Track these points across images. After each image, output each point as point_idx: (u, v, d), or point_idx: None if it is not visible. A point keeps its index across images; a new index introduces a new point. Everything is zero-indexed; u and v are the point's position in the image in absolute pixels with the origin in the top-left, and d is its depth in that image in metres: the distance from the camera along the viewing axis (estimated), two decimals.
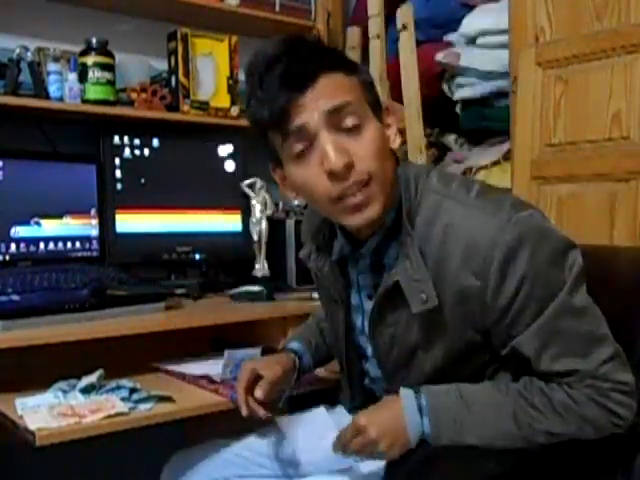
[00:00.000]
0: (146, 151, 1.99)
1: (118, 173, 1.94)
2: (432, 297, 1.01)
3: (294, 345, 1.37)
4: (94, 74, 1.81)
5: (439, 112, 2.35)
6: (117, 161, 1.94)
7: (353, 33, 2.35)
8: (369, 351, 1.18)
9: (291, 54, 0.99)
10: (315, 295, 1.90)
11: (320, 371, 1.48)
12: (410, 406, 1.04)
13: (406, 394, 1.06)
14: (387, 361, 1.13)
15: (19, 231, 1.77)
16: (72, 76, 1.80)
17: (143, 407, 1.33)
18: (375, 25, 2.17)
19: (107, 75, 1.83)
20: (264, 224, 1.96)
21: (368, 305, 1.14)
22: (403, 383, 1.09)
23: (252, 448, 1.33)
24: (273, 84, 0.98)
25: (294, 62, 0.98)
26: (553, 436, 1.01)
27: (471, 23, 2.18)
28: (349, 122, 0.99)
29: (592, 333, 1.00)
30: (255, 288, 1.89)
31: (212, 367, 1.53)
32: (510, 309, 0.99)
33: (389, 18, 2.20)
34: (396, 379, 1.12)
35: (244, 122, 2.11)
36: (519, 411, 1.01)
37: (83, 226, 1.88)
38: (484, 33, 2.14)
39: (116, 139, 1.94)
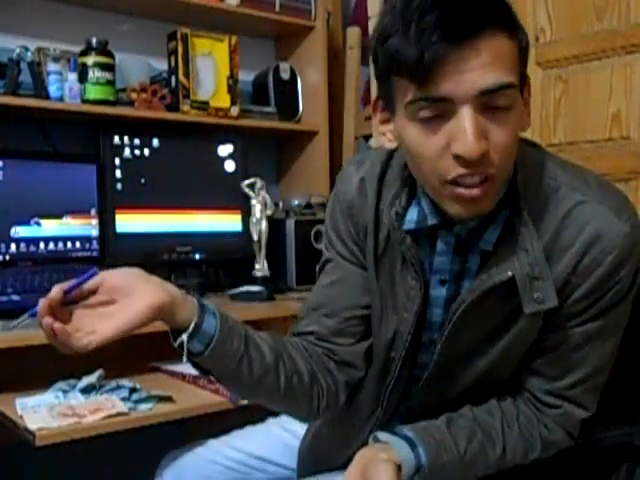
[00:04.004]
0: (146, 151, 1.99)
1: (118, 173, 1.94)
2: (552, 297, 0.89)
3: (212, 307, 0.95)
4: (94, 74, 1.81)
5: None
6: (117, 161, 1.94)
7: (353, 33, 2.35)
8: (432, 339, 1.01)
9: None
10: None
11: None
12: (407, 459, 0.92)
13: (400, 447, 0.92)
14: (449, 353, 0.97)
15: (19, 231, 1.77)
16: (72, 76, 1.80)
17: (143, 407, 1.33)
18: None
19: (107, 75, 1.83)
20: (264, 224, 1.96)
21: (439, 292, 0.98)
22: (448, 387, 1.00)
23: (245, 448, 1.32)
24: (428, 24, 0.77)
25: (460, 11, 0.77)
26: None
27: None
28: (501, 102, 0.81)
29: (601, 362, 0.95)
30: (255, 288, 1.89)
31: None
32: (581, 309, 0.91)
33: None
34: (445, 376, 0.99)
35: (244, 122, 2.12)
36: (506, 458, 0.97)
37: (83, 226, 1.88)
38: None
39: (116, 139, 1.94)
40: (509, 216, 0.91)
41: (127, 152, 1.96)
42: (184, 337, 0.91)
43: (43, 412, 1.27)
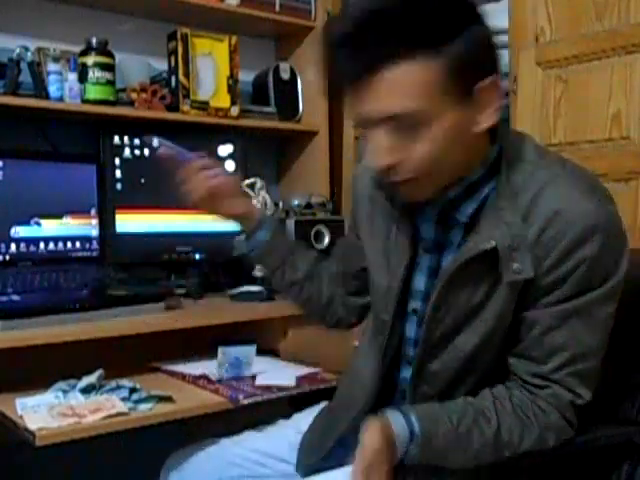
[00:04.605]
0: (146, 151, 1.99)
1: (118, 173, 1.94)
2: (528, 269, 0.94)
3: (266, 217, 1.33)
4: (94, 74, 1.81)
5: None
6: (117, 161, 1.94)
7: None
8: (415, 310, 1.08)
9: (356, 39, 0.87)
10: None
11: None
12: (402, 430, 0.97)
13: (395, 418, 0.97)
14: (436, 328, 1.02)
15: (19, 231, 1.77)
16: (72, 76, 1.80)
17: (143, 407, 1.33)
18: None
19: (107, 75, 1.83)
20: None
21: (425, 260, 1.06)
22: (439, 360, 1.03)
23: (252, 447, 1.32)
24: (341, 59, 0.90)
25: (357, 51, 0.87)
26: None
27: None
28: (410, 123, 0.89)
29: (587, 346, 0.98)
30: (255, 288, 1.89)
31: (212, 367, 1.53)
32: (549, 278, 0.95)
33: None
34: (438, 350, 1.04)
35: (244, 122, 2.12)
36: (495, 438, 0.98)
37: (83, 226, 1.88)
38: None
39: (116, 139, 1.94)
40: (490, 193, 0.98)
41: (127, 152, 1.96)
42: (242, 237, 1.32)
43: (43, 412, 1.27)
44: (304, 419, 1.28)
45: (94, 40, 1.82)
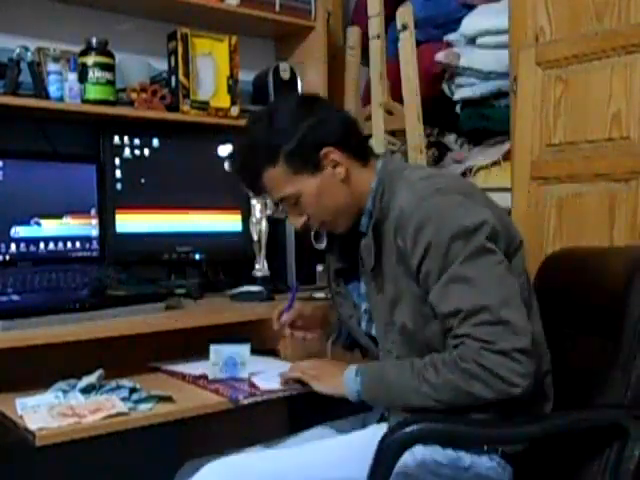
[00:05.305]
0: (146, 151, 1.99)
1: (118, 173, 1.94)
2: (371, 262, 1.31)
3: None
4: (94, 74, 1.81)
5: (439, 112, 2.35)
6: (117, 161, 1.94)
7: (353, 33, 2.35)
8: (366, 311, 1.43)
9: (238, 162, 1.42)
10: (315, 295, 1.91)
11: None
12: (350, 368, 1.31)
13: (350, 365, 1.32)
14: (379, 318, 1.36)
15: (19, 231, 1.77)
16: (72, 76, 1.80)
17: (143, 407, 1.33)
18: (375, 25, 2.17)
19: (107, 75, 1.83)
20: (264, 224, 1.96)
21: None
22: (392, 339, 1.32)
23: (267, 458, 1.32)
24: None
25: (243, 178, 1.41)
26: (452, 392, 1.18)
27: (471, 23, 2.19)
28: (291, 201, 1.33)
29: (477, 300, 1.16)
30: (255, 288, 1.89)
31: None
32: (421, 269, 1.22)
33: (389, 18, 2.21)
34: (387, 336, 1.33)
35: (244, 122, 2.11)
36: (419, 374, 1.21)
37: (83, 226, 1.88)
38: (484, 33, 2.14)
39: (116, 139, 1.94)
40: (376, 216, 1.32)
41: (127, 152, 1.96)
42: None
43: (43, 412, 1.27)
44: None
45: (94, 40, 1.82)
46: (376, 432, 1.19)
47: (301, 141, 1.29)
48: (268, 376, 1.48)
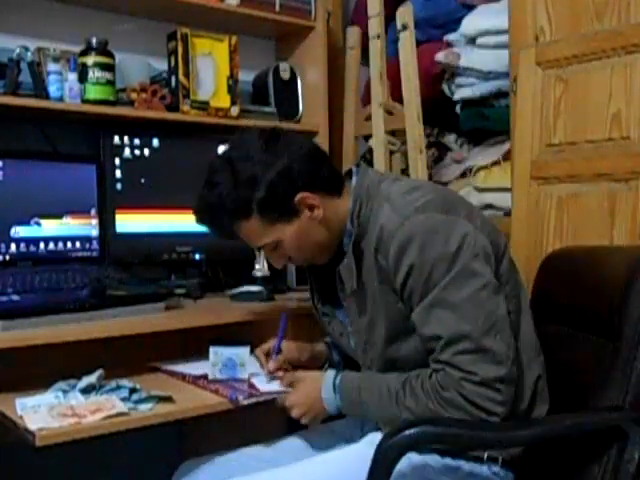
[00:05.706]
0: (146, 151, 1.99)
1: (118, 173, 1.94)
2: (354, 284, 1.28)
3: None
4: (94, 74, 1.81)
5: (439, 112, 2.35)
6: (117, 161, 1.94)
7: (353, 33, 2.35)
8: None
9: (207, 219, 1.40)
10: None
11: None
12: (328, 384, 1.31)
13: (328, 374, 1.33)
14: (360, 341, 1.35)
15: (19, 231, 1.77)
16: (72, 76, 1.80)
17: (143, 407, 1.33)
18: (375, 25, 2.17)
19: (107, 75, 1.83)
20: None
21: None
22: (370, 357, 1.32)
23: (263, 459, 1.32)
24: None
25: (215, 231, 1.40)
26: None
27: (471, 23, 2.19)
28: (271, 246, 1.31)
29: (458, 328, 1.14)
30: (255, 288, 1.89)
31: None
32: (405, 289, 1.20)
33: (389, 18, 2.21)
34: (367, 354, 1.33)
35: (244, 122, 2.12)
36: (398, 401, 1.21)
37: (83, 226, 1.88)
38: (484, 33, 2.14)
39: (116, 139, 1.94)
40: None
41: (127, 152, 1.96)
42: None
43: (43, 412, 1.27)
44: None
45: (94, 40, 1.82)
46: (373, 440, 1.18)
47: (271, 190, 1.23)
48: (267, 377, 1.48)
